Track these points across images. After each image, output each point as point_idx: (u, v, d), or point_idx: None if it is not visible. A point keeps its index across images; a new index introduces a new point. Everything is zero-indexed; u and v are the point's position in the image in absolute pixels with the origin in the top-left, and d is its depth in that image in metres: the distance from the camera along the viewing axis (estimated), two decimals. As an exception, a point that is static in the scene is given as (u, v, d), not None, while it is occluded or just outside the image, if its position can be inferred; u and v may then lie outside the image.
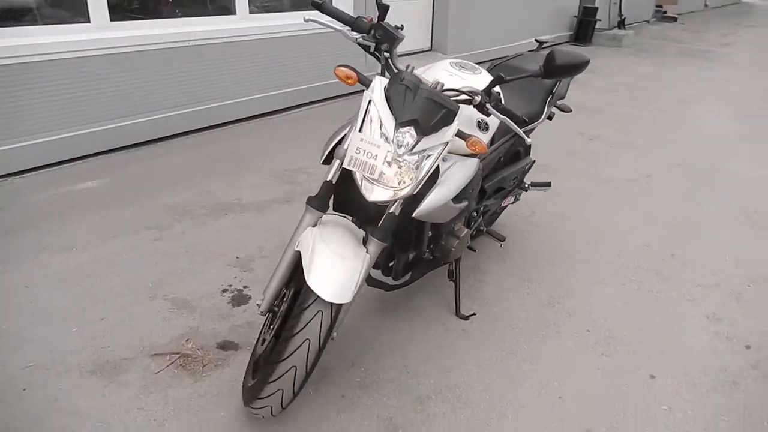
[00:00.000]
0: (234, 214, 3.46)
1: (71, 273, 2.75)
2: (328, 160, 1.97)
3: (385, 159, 1.72)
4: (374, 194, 1.76)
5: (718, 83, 7.94)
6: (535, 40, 3.28)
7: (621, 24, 13.50)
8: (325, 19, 1.92)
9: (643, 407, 2.07)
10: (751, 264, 3.12)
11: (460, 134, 1.85)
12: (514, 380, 2.18)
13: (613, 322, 2.56)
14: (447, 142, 1.80)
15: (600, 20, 12.04)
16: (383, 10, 1.87)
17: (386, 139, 1.73)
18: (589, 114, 6.04)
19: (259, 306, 1.93)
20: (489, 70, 2.61)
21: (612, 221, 3.60)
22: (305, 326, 1.66)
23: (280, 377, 1.68)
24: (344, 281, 1.69)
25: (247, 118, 5.36)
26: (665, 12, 17.82)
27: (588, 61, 1.78)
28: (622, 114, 6.13)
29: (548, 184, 3.05)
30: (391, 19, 1.88)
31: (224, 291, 2.68)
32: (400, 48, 2.12)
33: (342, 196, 2.08)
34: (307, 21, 1.97)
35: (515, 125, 1.93)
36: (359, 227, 2.27)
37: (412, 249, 2.18)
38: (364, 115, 1.76)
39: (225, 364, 2.21)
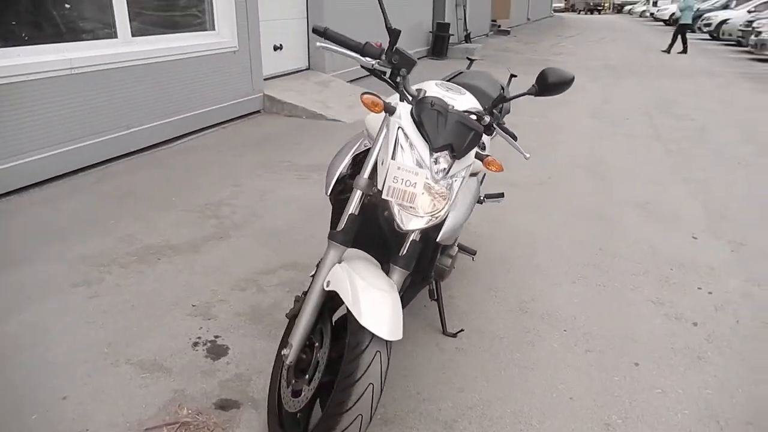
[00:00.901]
0: (168, 257, 3.16)
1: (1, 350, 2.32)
2: (342, 191, 1.89)
3: (423, 186, 1.69)
4: (411, 223, 1.72)
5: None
6: (467, 57, 3.42)
7: (467, 38, 14.52)
8: (337, 45, 1.85)
9: (642, 394, 2.25)
10: (664, 250, 3.52)
11: (477, 155, 1.88)
12: (523, 389, 2.25)
13: (582, 320, 2.74)
14: (470, 164, 1.82)
15: (453, 35, 12.84)
16: (395, 35, 1.84)
17: (420, 165, 1.70)
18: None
19: (285, 356, 1.78)
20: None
21: (541, 222, 3.86)
22: (366, 370, 1.57)
23: (345, 429, 1.57)
24: (394, 316, 1.63)
25: (146, 148, 4.93)
26: (499, 26, 19.51)
27: (573, 78, 1.89)
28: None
29: (501, 195, 3.19)
30: (267, 39, 1.84)
31: (195, 344, 2.43)
32: (279, 68, 2.09)
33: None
34: (318, 48, 1.89)
35: (515, 142, 2.01)
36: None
37: (420, 273, 2.16)
38: (395, 143, 1.72)
39: (234, 424, 2.00)
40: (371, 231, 1.99)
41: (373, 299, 1.64)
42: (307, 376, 1.78)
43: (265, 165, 4.71)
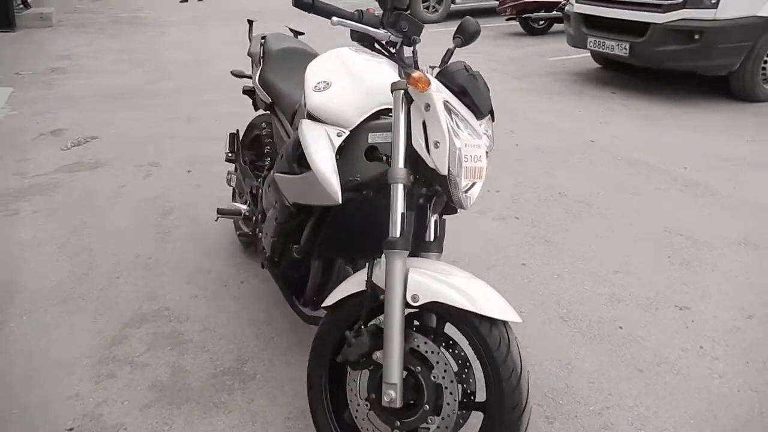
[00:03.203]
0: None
1: None
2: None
3: (486, 156, 1.55)
4: (472, 200, 1.57)
5: (198, 35, 8.50)
6: (289, 29, 2.92)
7: (25, 2, 12.08)
8: (350, 24, 1.47)
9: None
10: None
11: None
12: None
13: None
14: None
15: (17, -1, 10.50)
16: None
17: (479, 135, 1.55)
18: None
19: (391, 401, 1.46)
20: None
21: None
22: (521, 360, 1.44)
23: (527, 428, 1.44)
24: (499, 296, 1.52)
25: None
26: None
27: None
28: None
29: None
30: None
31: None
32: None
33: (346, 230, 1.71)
34: (335, 24, 1.42)
35: None
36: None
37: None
38: (448, 119, 1.50)
39: None
40: (353, 228, 1.73)
41: (479, 290, 1.49)
42: (425, 408, 1.50)
43: None
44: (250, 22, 2.77)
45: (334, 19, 1.52)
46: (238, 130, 2.78)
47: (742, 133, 4.41)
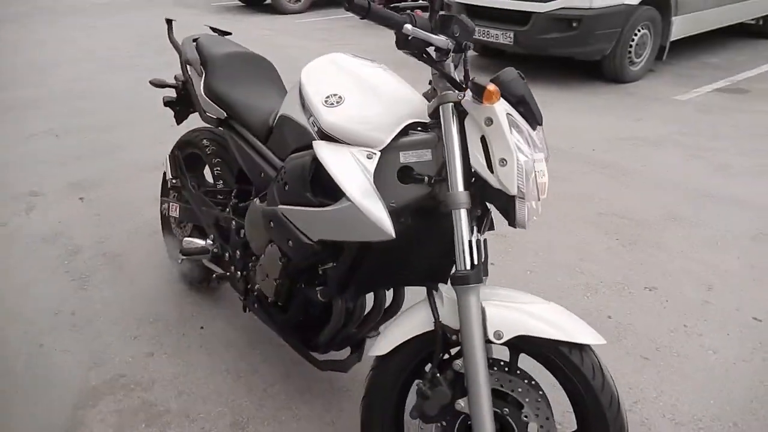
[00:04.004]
0: None
1: None
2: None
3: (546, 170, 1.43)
4: (535, 217, 1.46)
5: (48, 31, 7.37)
6: (211, 28, 2.51)
7: None
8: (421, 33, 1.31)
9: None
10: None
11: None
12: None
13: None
14: None
15: None
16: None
17: (541, 149, 1.42)
18: None
19: None
20: None
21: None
22: (614, 384, 1.37)
23: None
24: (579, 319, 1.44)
25: None
26: None
27: None
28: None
29: None
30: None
31: None
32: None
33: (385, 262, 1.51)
34: (408, 33, 1.21)
35: None
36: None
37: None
38: (512, 134, 1.35)
39: None
40: (392, 260, 1.55)
41: (560, 315, 1.39)
42: None
43: None
44: (169, 21, 2.37)
45: (408, 27, 1.30)
46: (178, 151, 2.38)
47: (627, 113, 4.79)
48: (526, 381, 1.43)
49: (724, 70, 6.00)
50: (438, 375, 1.38)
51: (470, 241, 1.36)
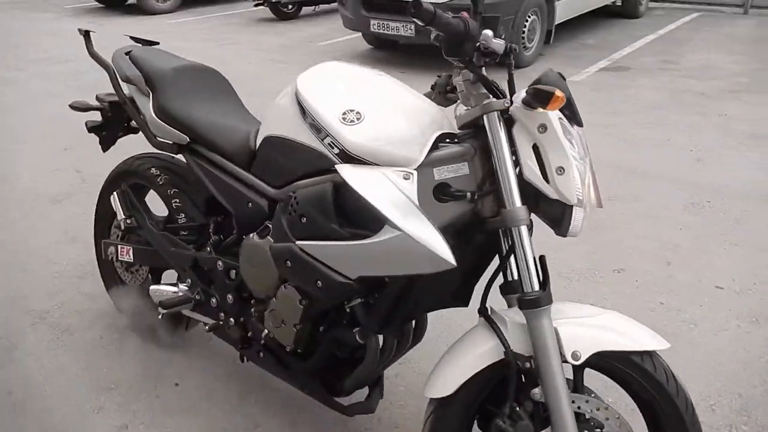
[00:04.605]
0: None
1: None
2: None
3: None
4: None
5: None
6: (132, 38, 2.13)
7: None
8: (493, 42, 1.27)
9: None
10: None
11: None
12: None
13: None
14: None
15: None
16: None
17: (585, 149, 1.35)
18: None
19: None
20: None
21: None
22: (685, 388, 1.35)
23: None
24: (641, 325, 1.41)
25: None
26: None
27: None
28: None
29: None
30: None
31: None
32: None
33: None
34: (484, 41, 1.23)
35: None
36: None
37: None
38: (564, 140, 1.27)
39: None
40: (433, 288, 1.44)
41: (625, 323, 1.35)
42: None
43: None
44: (86, 33, 2.00)
45: (487, 33, 1.16)
46: (126, 186, 2.03)
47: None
48: (597, 398, 1.37)
49: (602, 50, 6.45)
50: (518, 409, 1.28)
51: (535, 259, 1.28)
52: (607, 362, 1.31)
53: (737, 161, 3.65)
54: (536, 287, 1.27)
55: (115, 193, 2.03)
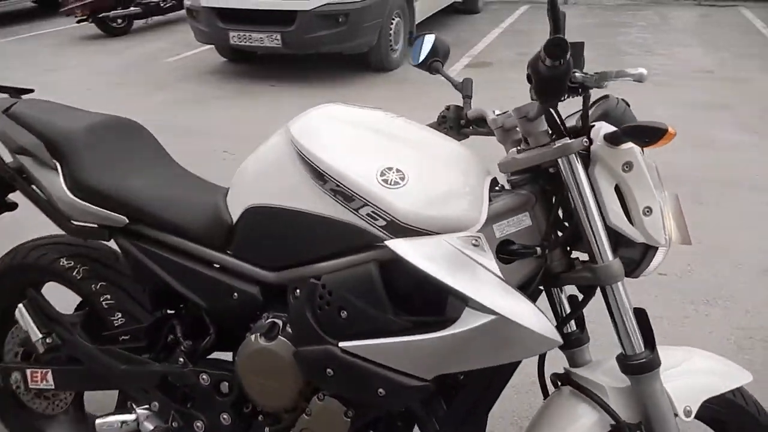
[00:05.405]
0: None
1: None
2: None
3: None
4: None
5: None
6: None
7: None
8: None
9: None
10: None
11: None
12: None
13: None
14: None
15: None
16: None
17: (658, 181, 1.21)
18: None
19: None
20: None
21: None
22: None
23: None
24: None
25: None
26: None
27: None
28: None
29: None
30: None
31: None
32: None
33: None
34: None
35: None
36: None
37: None
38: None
39: None
40: None
41: (714, 360, 1.27)
42: None
43: None
44: None
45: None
46: (33, 293, 1.50)
47: (423, 102, 4.85)
48: None
49: (459, 46, 6.60)
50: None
51: (637, 318, 1.11)
52: (708, 407, 1.20)
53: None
54: (641, 348, 1.11)
55: (20, 305, 1.50)
